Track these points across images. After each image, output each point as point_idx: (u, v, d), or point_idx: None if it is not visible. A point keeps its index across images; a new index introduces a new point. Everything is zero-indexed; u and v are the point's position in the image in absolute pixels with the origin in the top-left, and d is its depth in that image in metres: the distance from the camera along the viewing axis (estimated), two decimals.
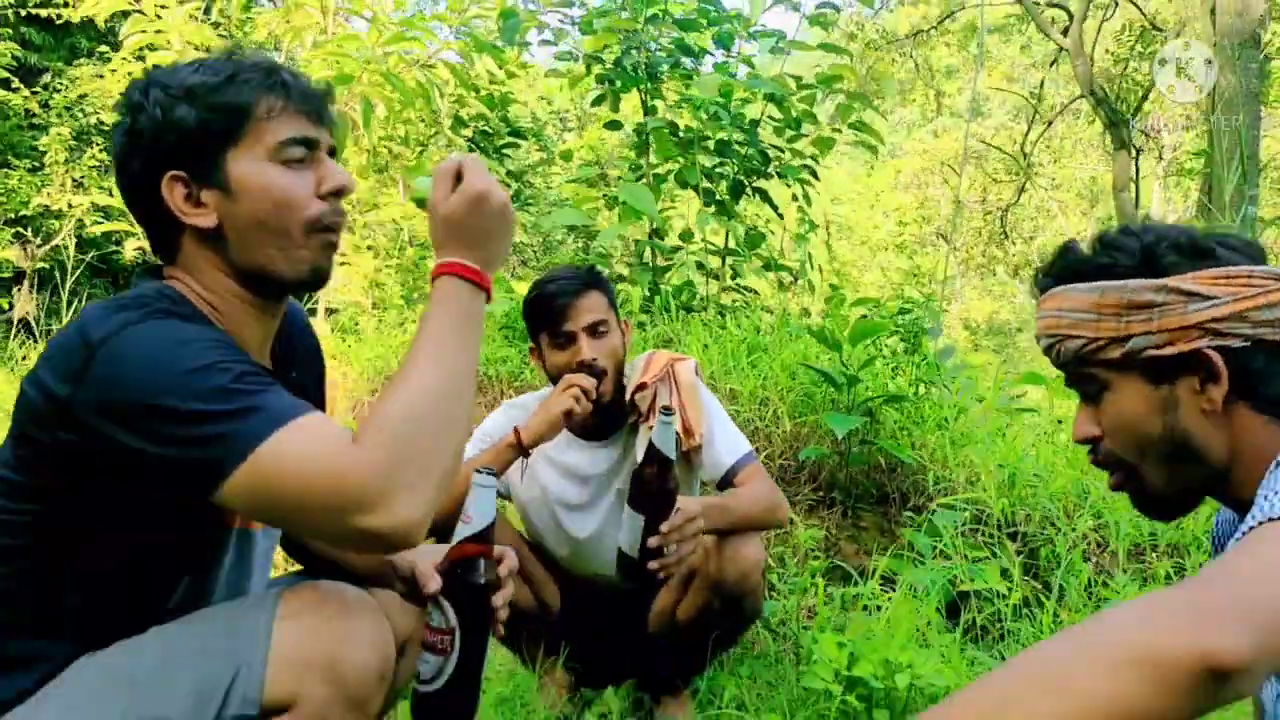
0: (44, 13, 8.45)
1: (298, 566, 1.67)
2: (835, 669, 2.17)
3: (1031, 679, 0.86)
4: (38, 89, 8.94)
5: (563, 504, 2.45)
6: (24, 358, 6.36)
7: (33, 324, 7.11)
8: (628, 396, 2.37)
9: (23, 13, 8.50)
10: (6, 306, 7.95)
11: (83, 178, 8.47)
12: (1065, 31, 12.42)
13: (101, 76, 8.46)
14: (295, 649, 1.14)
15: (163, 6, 5.18)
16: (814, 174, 5.23)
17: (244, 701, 1.12)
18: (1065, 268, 1.22)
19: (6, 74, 8.58)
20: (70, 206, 8.19)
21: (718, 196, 5.04)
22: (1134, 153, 11.41)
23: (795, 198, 5.28)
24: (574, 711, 2.43)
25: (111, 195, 5.74)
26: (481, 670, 1.40)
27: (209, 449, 1.09)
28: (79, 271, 7.68)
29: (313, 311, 6.31)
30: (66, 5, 8.54)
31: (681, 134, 5.11)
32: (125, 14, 5.30)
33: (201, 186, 1.26)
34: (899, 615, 2.64)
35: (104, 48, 8.65)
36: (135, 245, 6.45)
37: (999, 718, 0.86)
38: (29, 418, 1.17)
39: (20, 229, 8.39)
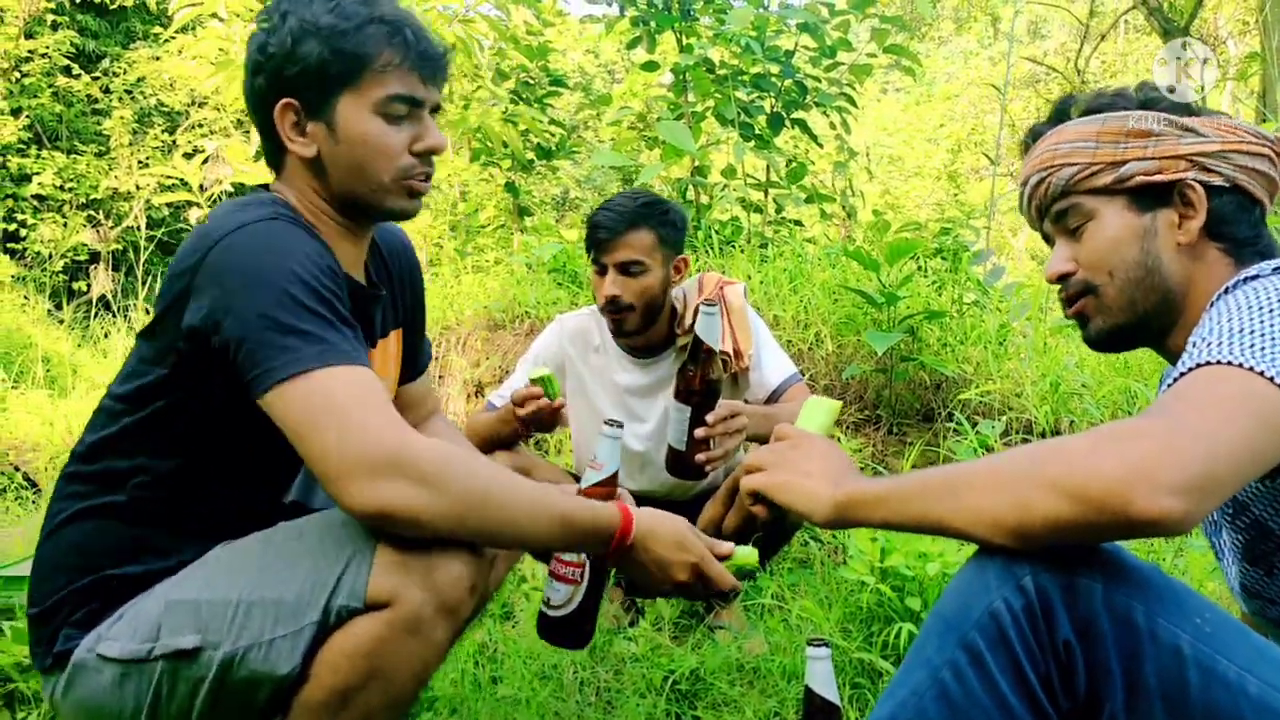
0: None
1: None
2: (870, 562, 2.26)
3: (991, 475, 1.00)
4: (98, 74, 9.22)
5: (614, 412, 2.55)
6: (105, 334, 6.62)
7: (110, 300, 7.39)
8: (686, 321, 2.46)
9: (78, 0, 8.74)
10: (85, 288, 8.29)
11: (147, 158, 8.74)
12: None
13: (158, 58, 8.70)
14: (398, 554, 1.24)
15: None
16: (852, 101, 5.23)
17: (351, 594, 1.23)
18: (1065, 111, 1.31)
19: (67, 61, 8.86)
20: (138, 188, 8.48)
21: (756, 130, 5.07)
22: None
23: (833, 126, 5.29)
24: (629, 619, 2.56)
25: (174, 167, 5.94)
26: (600, 599, 1.53)
27: (265, 354, 1.20)
28: (150, 250, 7.98)
29: None
30: None
31: (718, 70, 5.13)
32: None
33: (309, 119, 1.39)
34: None
35: (158, 29, 8.89)
36: (199, 216, 6.68)
37: (955, 494, 1.02)
38: (162, 303, 1.32)
39: (92, 213, 8.71)
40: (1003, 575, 0.99)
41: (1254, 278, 1.13)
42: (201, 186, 5.87)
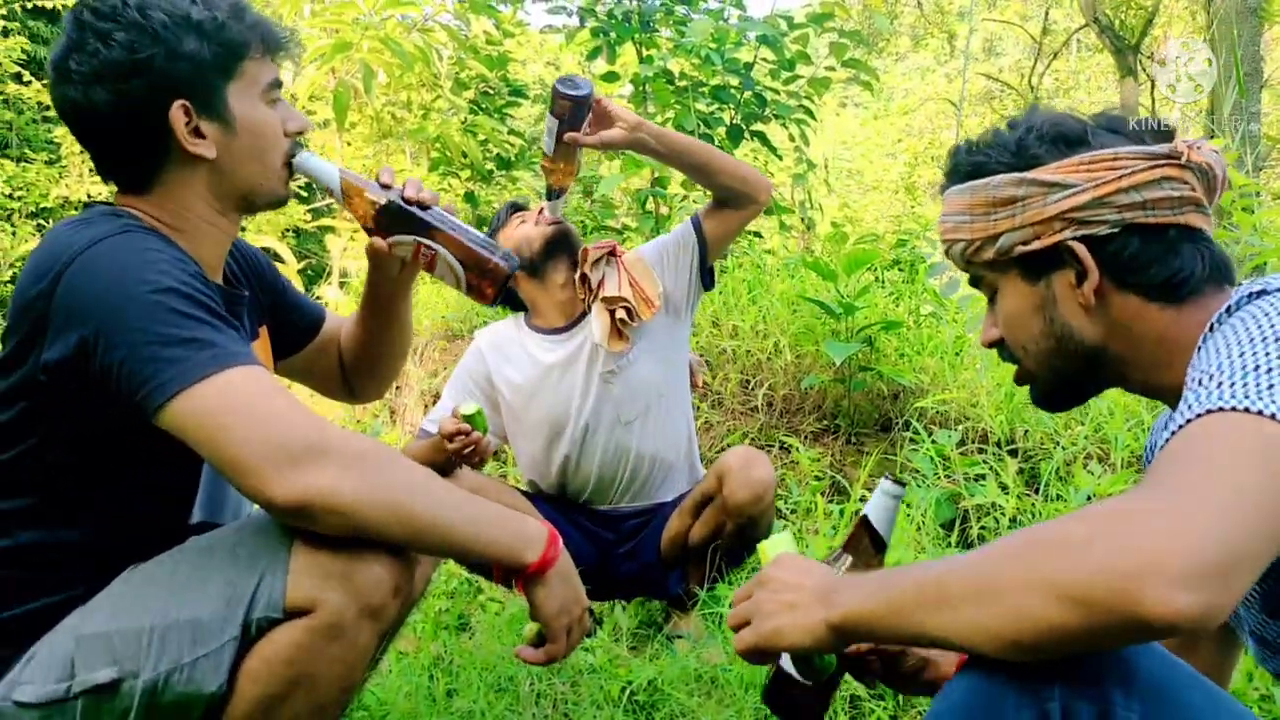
0: (49, 4, 8.55)
1: None
2: None
3: (985, 580, 0.88)
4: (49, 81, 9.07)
5: (540, 392, 2.57)
6: None
7: None
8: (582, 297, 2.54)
9: (29, 6, 8.60)
10: None
11: None
12: None
13: None
14: (314, 559, 1.21)
15: None
16: (810, 114, 5.26)
17: (269, 604, 1.20)
18: (952, 170, 1.21)
19: (18, 68, 8.70)
20: (90, 197, 8.33)
21: (716, 141, 5.09)
22: (1146, 80, 11.32)
23: (792, 139, 5.32)
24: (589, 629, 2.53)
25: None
26: (473, 243, 1.47)
27: (152, 371, 1.15)
28: None
29: (317, 276, 6.43)
30: None
31: (677, 82, 5.15)
32: None
33: (202, 118, 1.34)
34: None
35: None
36: None
37: (949, 606, 0.89)
38: (14, 336, 1.25)
39: (42, 221, 8.54)
40: (1022, 691, 0.88)
41: (1260, 294, 0.99)
42: None
